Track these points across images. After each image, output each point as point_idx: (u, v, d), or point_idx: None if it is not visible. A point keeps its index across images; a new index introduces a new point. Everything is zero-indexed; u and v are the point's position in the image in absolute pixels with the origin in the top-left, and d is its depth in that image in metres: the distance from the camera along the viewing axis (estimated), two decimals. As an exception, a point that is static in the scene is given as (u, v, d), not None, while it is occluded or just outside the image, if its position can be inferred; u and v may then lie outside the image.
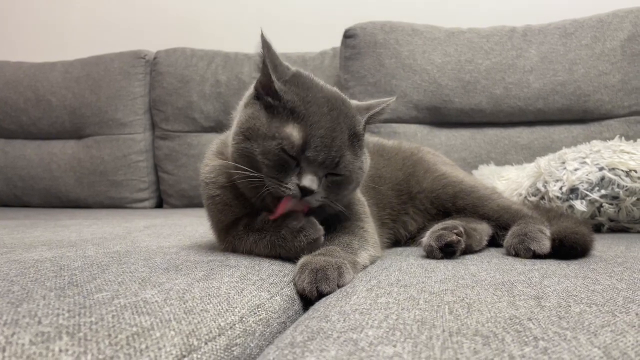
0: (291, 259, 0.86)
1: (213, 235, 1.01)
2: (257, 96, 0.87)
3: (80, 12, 3.10)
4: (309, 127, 0.80)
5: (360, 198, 1.04)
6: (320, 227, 0.84)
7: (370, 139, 1.28)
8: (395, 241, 1.16)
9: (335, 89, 0.92)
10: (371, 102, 0.95)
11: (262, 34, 0.85)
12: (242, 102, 0.92)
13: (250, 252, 0.90)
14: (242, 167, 0.84)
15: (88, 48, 2.86)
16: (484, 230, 1.05)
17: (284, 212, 0.84)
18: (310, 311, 0.64)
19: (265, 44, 0.84)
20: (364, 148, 0.92)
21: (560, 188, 1.36)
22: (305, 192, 0.80)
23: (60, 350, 0.43)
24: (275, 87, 0.83)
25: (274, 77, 0.83)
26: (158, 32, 2.96)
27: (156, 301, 0.57)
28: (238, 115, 0.90)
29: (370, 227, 0.99)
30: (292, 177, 0.81)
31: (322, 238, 0.85)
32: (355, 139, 0.87)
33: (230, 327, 0.58)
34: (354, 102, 0.94)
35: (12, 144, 2.68)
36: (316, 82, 0.89)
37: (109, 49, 2.71)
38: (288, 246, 0.85)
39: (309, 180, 0.80)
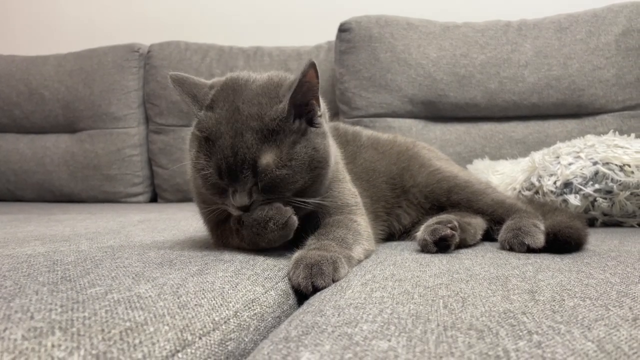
0: (283, 246, 0.86)
1: (206, 231, 1.01)
2: None
3: (73, 5, 3.08)
4: (217, 149, 0.81)
5: (352, 189, 1.03)
6: (287, 209, 0.83)
7: (365, 132, 1.27)
8: (389, 234, 1.16)
9: (261, 82, 0.87)
10: (283, 78, 0.89)
11: (169, 75, 0.88)
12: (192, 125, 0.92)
13: (239, 248, 0.90)
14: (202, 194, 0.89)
15: (81, 41, 2.84)
16: (478, 224, 1.05)
17: None
18: (305, 305, 0.64)
19: (175, 82, 0.87)
20: (303, 133, 0.84)
21: (555, 182, 1.36)
22: (241, 209, 0.83)
23: (53, 346, 0.43)
24: (198, 119, 0.84)
25: (194, 110, 0.85)
26: (152, 26, 2.94)
27: (150, 296, 0.57)
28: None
29: (363, 220, 0.98)
30: (229, 198, 0.83)
31: (294, 218, 0.83)
32: (274, 133, 0.81)
33: (225, 322, 0.58)
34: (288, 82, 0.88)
35: (5, 138, 2.67)
36: (238, 87, 0.86)
37: (103, 42, 2.69)
38: (265, 238, 0.84)
39: (238, 199, 0.82)
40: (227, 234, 0.92)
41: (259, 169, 0.80)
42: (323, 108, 0.93)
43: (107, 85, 2.56)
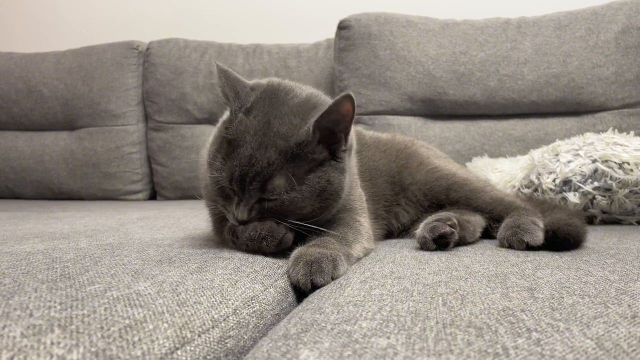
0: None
1: (210, 226, 1.01)
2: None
3: (72, 2, 3.07)
4: (236, 155, 0.80)
5: (360, 193, 1.03)
6: (280, 227, 0.82)
7: (366, 132, 1.28)
8: (388, 232, 1.16)
9: (299, 100, 0.85)
10: (321, 101, 0.86)
11: (217, 65, 0.85)
12: (220, 120, 0.91)
13: (240, 250, 0.90)
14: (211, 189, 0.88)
15: (80, 38, 2.83)
16: (477, 222, 1.05)
17: None
18: (304, 303, 0.64)
19: (221, 73, 0.83)
20: (321, 163, 0.82)
21: (554, 180, 1.36)
22: (241, 222, 0.83)
23: (52, 343, 0.43)
24: (231, 119, 0.83)
25: (234, 107, 0.83)
26: (151, 23, 2.94)
27: (149, 293, 0.57)
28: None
29: (365, 220, 0.99)
30: (233, 206, 0.83)
31: (289, 235, 0.83)
32: (295, 157, 0.80)
33: (224, 320, 0.58)
34: (325, 101, 0.87)
35: (4, 136, 2.66)
36: (276, 99, 0.84)
37: (102, 40, 2.69)
38: (262, 250, 0.84)
39: (239, 213, 0.82)
40: (231, 232, 0.92)
41: (268, 188, 0.79)
42: (350, 143, 0.90)
43: (106, 83, 2.55)
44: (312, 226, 0.84)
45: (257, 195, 0.81)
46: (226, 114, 0.89)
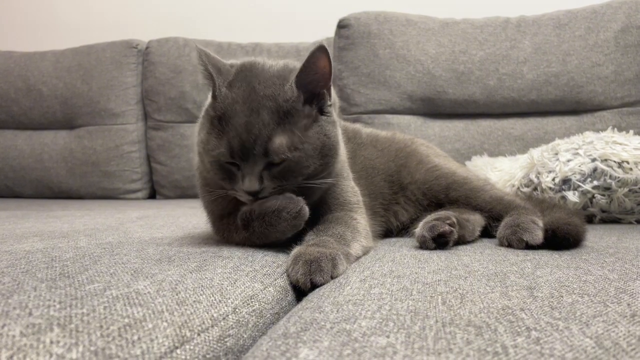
0: (285, 240, 0.87)
1: (209, 225, 1.01)
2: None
3: (71, 1, 3.07)
4: (230, 127, 0.81)
5: (354, 187, 1.03)
6: (299, 198, 0.83)
7: (364, 129, 1.27)
8: (387, 230, 1.16)
9: (277, 67, 0.87)
10: (297, 65, 0.86)
11: (196, 47, 0.87)
12: (203, 109, 0.91)
13: (244, 244, 0.90)
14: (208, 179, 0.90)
15: (79, 37, 2.83)
16: (476, 221, 1.05)
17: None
18: (304, 302, 0.64)
19: (202, 54, 0.85)
20: (315, 119, 0.85)
21: (553, 179, 1.36)
22: (251, 194, 0.82)
23: (52, 342, 0.43)
24: (217, 94, 0.84)
25: (219, 83, 0.84)
26: (150, 21, 2.94)
27: (148, 292, 0.57)
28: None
29: (362, 218, 0.99)
30: (239, 183, 0.83)
31: (306, 208, 0.83)
32: (287, 115, 0.82)
33: (224, 318, 0.58)
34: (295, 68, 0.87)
35: (3, 134, 2.66)
36: (255, 69, 0.86)
37: (101, 39, 2.68)
38: (277, 228, 0.84)
39: (247, 183, 0.81)
40: (232, 228, 0.91)
41: (271, 149, 0.80)
42: (334, 98, 0.93)
43: (106, 82, 2.55)
44: (321, 181, 0.86)
45: (262, 161, 0.81)
46: (208, 101, 0.89)
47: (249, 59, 0.91)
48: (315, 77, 0.83)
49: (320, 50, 0.80)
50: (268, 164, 0.82)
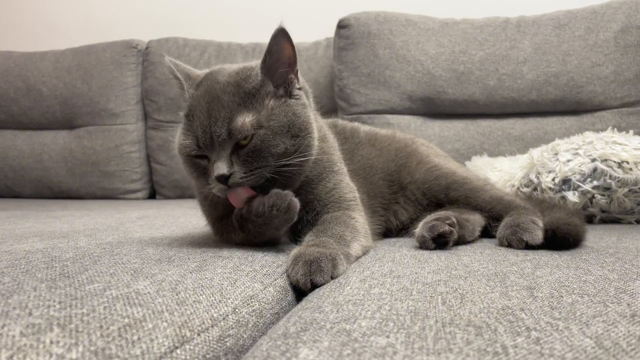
0: (284, 237, 0.89)
1: (208, 226, 1.01)
2: None
3: (71, 1, 3.07)
4: (195, 119, 0.83)
5: (349, 183, 1.03)
6: (286, 192, 0.83)
7: (363, 128, 1.27)
8: (387, 230, 1.16)
9: (238, 67, 0.90)
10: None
11: (166, 58, 0.93)
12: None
13: (244, 243, 0.90)
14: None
15: (79, 37, 2.83)
16: (476, 221, 1.05)
17: (242, 200, 0.85)
18: (304, 302, 0.64)
19: (172, 63, 0.91)
20: (281, 99, 0.86)
21: (553, 179, 1.36)
22: (221, 180, 0.81)
23: (51, 342, 0.43)
24: (187, 96, 0.87)
25: (187, 87, 0.88)
26: (150, 22, 2.94)
27: (148, 292, 0.57)
28: None
29: (360, 216, 0.98)
30: (210, 170, 0.83)
31: (295, 200, 0.83)
32: (251, 96, 0.83)
33: (223, 318, 0.58)
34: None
35: (3, 134, 2.66)
36: (218, 71, 0.89)
37: (101, 39, 2.68)
38: (271, 225, 0.84)
39: (216, 169, 0.81)
40: (230, 229, 0.92)
41: (234, 129, 0.80)
42: (303, 84, 0.95)
43: (106, 82, 2.55)
44: (292, 160, 0.84)
45: (229, 144, 0.82)
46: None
47: (218, 65, 0.95)
48: (279, 59, 0.85)
49: (280, 33, 0.82)
50: (236, 147, 0.82)
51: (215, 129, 0.80)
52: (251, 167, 0.82)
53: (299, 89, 0.91)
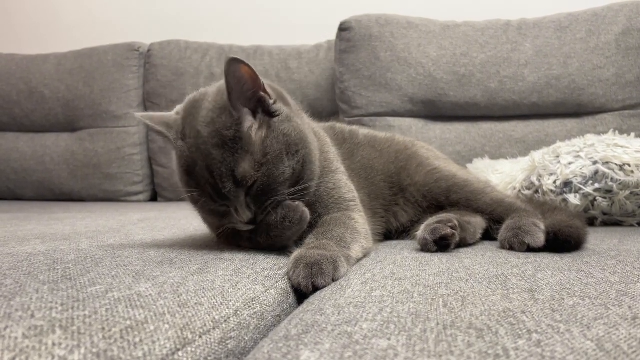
0: (289, 245, 0.88)
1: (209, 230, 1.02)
2: None
3: (74, 3, 3.08)
4: (198, 177, 0.82)
5: (347, 182, 1.03)
6: (298, 204, 0.84)
7: (362, 130, 1.27)
8: (387, 231, 1.16)
9: (212, 96, 0.86)
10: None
11: (136, 116, 0.90)
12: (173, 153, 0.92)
13: (247, 248, 0.90)
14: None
15: (81, 40, 2.84)
16: (478, 223, 1.05)
17: None
18: (305, 304, 0.64)
19: (145, 117, 0.88)
20: (268, 126, 0.84)
21: (554, 182, 1.36)
22: (251, 222, 0.84)
23: (54, 344, 0.43)
24: (175, 147, 0.86)
25: (172, 138, 0.86)
26: (152, 24, 2.94)
27: (150, 295, 0.57)
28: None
29: (361, 217, 0.98)
30: (234, 217, 0.84)
31: (306, 211, 0.85)
32: (235, 141, 0.81)
33: (225, 321, 0.58)
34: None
35: (5, 137, 2.67)
36: (195, 109, 0.86)
37: (103, 41, 2.69)
38: (284, 237, 0.86)
39: (243, 216, 0.83)
40: (237, 237, 0.92)
41: (238, 179, 0.81)
42: (276, 93, 0.91)
43: (108, 84, 2.56)
44: (308, 185, 0.86)
45: (239, 192, 0.82)
46: (173, 152, 0.90)
47: (191, 96, 0.92)
48: (243, 88, 0.82)
49: (233, 62, 0.78)
50: (247, 190, 0.83)
51: (222, 185, 0.81)
52: (267, 199, 0.83)
53: (274, 102, 0.87)
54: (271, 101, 0.87)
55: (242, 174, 0.81)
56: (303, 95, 2.38)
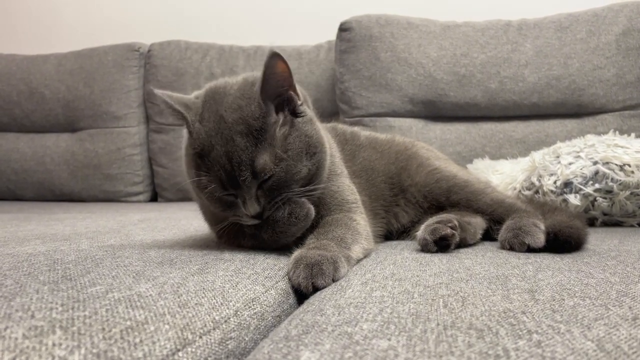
0: (291, 244, 0.88)
1: (210, 229, 1.02)
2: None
3: (74, 4, 3.08)
4: (213, 162, 0.81)
5: (350, 185, 1.03)
6: (303, 201, 0.85)
7: (363, 132, 1.27)
8: (388, 232, 1.16)
9: (237, 85, 0.87)
10: (257, 77, 0.84)
11: (156, 91, 0.86)
12: (183, 142, 0.91)
13: (249, 247, 0.90)
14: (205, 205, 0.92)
15: (82, 40, 2.84)
16: (478, 224, 1.05)
17: None
18: (305, 305, 0.64)
19: (164, 95, 0.85)
20: (291, 124, 0.85)
21: (555, 182, 1.36)
22: (257, 217, 0.84)
23: (54, 344, 0.43)
24: (191, 130, 0.84)
25: (190, 119, 0.84)
26: (152, 25, 2.94)
27: (150, 295, 0.57)
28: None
29: (361, 218, 0.98)
30: (241, 209, 0.84)
31: (312, 208, 0.86)
32: (261, 132, 0.81)
33: (225, 321, 0.58)
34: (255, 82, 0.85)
35: (5, 137, 2.67)
36: (218, 96, 0.85)
37: (103, 42, 2.69)
38: (288, 233, 0.86)
39: (250, 208, 0.82)
40: (237, 234, 0.92)
41: (257, 170, 0.80)
42: (303, 95, 0.92)
43: (108, 85, 2.56)
44: (318, 186, 0.88)
45: (254, 184, 0.82)
46: (185, 136, 0.89)
47: (212, 84, 0.91)
48: (277, 83, 0.83)
49: (274, 56, 0.79)
50: (261, 183, 0.82)
51: (239, 173, 0.80)
52: (279, 194, 0.84)
53: (301, 104, 0.89)
54: (299, 102, 0.88)
55: (262, 165, 0.80)
56: (303, 95, 2.38)
